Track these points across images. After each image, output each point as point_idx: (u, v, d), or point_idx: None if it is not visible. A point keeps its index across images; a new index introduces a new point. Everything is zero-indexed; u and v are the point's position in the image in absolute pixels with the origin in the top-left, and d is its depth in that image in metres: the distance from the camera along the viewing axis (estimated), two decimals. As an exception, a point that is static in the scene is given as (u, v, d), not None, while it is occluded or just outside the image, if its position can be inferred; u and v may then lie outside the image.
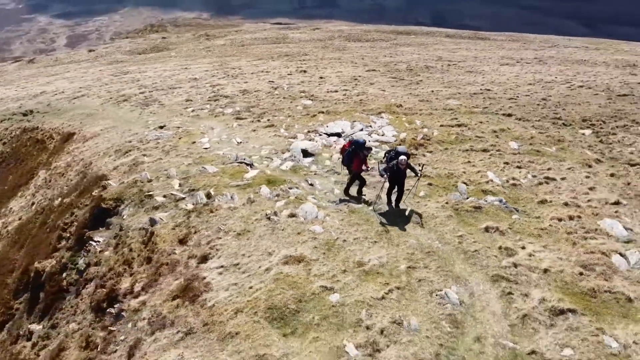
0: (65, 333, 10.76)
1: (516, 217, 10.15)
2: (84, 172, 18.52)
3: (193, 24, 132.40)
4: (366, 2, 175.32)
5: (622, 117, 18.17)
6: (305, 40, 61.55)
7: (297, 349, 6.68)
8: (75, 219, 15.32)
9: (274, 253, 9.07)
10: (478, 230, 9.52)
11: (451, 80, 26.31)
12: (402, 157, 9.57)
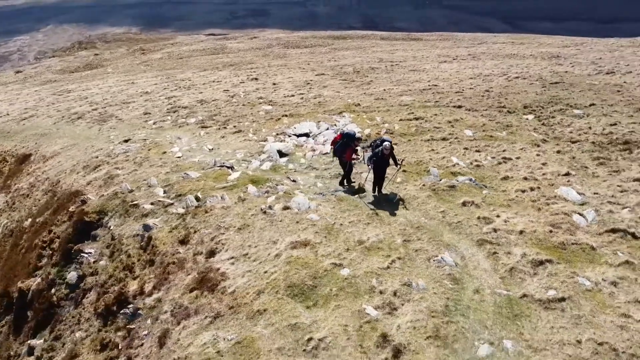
0: (73, 341, 11.04)
1: (486, 192, 11.49)
2: (52, 191, 18.47)
3: (124, 39, 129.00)
4: (297, 9, 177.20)
5: (557, 102, 20.23)
6: (244, 50, 62.04)
7: (323, 317, 7.55)
8: (54, 236, 15.39)
9: (278, 241, 9.87)
10: (456, 206, 10.75)
11: (399, 79, 27.92)
12: (387, 142, 10.66)
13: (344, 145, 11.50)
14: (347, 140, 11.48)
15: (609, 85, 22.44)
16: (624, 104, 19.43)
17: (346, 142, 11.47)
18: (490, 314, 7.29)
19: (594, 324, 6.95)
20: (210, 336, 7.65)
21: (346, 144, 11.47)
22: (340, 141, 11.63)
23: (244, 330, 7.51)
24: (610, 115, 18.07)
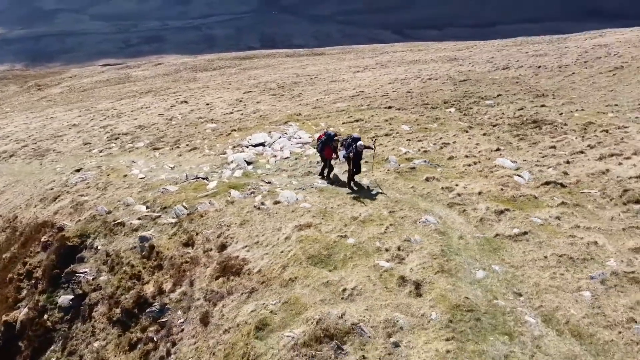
0: (92, 351, 11.76)
1: (440, 169, 13.87)
2: (11, 227, 18.48)
3: (10, 76, 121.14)
4: (193, 33, 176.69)
5: (470, 96, 23.51)
6: (151, 77, 61.81)
7: (346, 274, 9.28)
8: (32, 266, 15.65)
9: (282, 228, 11.43)
10: (421, 182, 12.97)
11: (325, 89, 30.26)
12: (360, 142, 12.63)
13: (324, 144, 13.29)
14: (326, 139, 13.29)
15: (508, 79, 26.29)
16: (524, 92, 23.09)
17: (326, 141, 13.27)
18: (476, 251, 9.44)
19: (552, 245, 9.34)
20: (254, 306, 9.06)
21: (326, 142, 13.27)
22: (322, 140, 13.41)
23: (284, 294, 9.01)
24: (516, 102, 21.52)
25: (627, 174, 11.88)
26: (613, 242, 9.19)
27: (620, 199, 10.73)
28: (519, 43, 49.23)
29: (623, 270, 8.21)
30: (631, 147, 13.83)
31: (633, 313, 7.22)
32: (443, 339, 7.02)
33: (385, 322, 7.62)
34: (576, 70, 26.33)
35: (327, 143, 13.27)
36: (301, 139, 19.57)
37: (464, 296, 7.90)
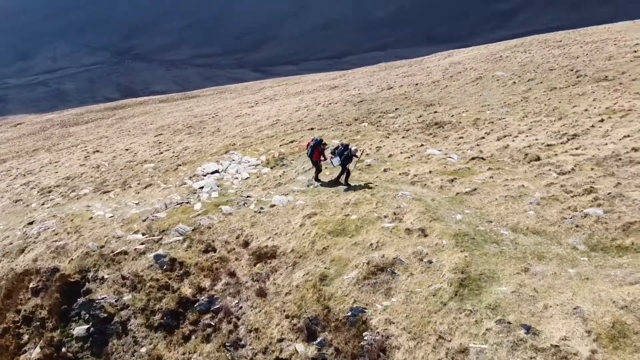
0: (141, 355, 13.41)
1: (389, 164, 17.76)
2: (-18, 283, 18.59)
3: None
4: (40, 89, 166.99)
5: (374, 112, 28.17)
6: (16, 137, 59.01)
7: (365, 237, 12.50)
8: (27, 312, 16.40)
9: (291, 220, 14.29)
10: (381, 173, 16.72)
11: (240, 123, 33.16)
12: (354, 147, 15.91)
13: (313, 148, 16.37)
14: (315, 144, 16.37)
15: (397, 96, 31.62)
16: (415, 104, 28.33)
17: (314, 146, 16.36)
18: (448, 205, 13.31)
19: (496, 192, 13.56)
20: (305, 271, 11.87)
21: (314, 147, 16.36)
22: (311, 145, 16.46)
23: (327, 257, 11.94)
24: (413, 112, 26.55)
25: (521, 145, 16.81)
26: (532, 184, 13.68)
27: (525, 160, 15.48)
28: (384, 68, 56.45)
29: (546, 196, 12.60)
30: (515, 129, 19.07)
31: (562, 215, 11.51)
32: (458, 252, 10.59)
33: (413, 253, 11.00)
34: (447, 83, 32.56)
35: (316, 147, 16.36)
36: (250, 162, 22.33)
37: (457, 229, 11.61)
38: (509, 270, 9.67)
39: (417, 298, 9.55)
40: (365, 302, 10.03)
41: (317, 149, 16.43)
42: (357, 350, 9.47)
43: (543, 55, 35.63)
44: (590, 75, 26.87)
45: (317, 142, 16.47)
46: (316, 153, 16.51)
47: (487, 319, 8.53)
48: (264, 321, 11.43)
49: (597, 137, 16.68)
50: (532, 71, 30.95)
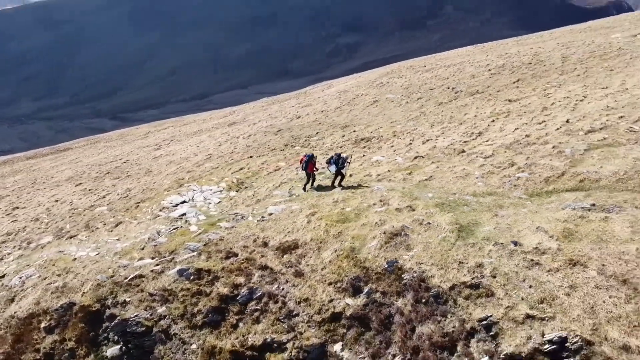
0: (192, 351, 15.68)
1: (348, 171, 21.91)
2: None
3: None
4: None
5: (298, 137, 32.29)
6: None
7: (367, 219, 16.40)
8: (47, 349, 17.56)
9: (297, 220, 17.62)
10: (348, 177, 20.78)
11: (170, 162, 35.03)
12: (345, 155, 19.58)
13: (307, 162, 19.71)
14: (308, 159, 19.70)
15: (310, 122, 36.17)
16: (331, 127, 33.07)
17: (308, 160, 19.70)
18: (417, 189, 17.77)
19: (447, 176, 18.36)
20: (332, 250, 15.38)
21: (308, 161, 19.70)
22: (305, 160, 19.72)
23: (346, 236, 15.57)
24: (334, 134, 31.18)
25: (445, 144, 22.12)
26: (470, 167, 18.77)
27: (454, 153, 20.67)
28: (272, 102, 61.07)
29: (484, 172, 17.69)
30: (432, 135, 24.46)
31: (502, 181, 16.56)
32: (445, 214, 14.97)
33: (413, 221, 15.17)
34: (350, 108, 37.96)
35: (310, 161, 19.78)
36: (212, 190, 24.99)
37: (435, 201, 16.08)
38: (485, 218, 14.27)
39: (432, 245, 13.68)
40: (394, 257, 13.90)
41: (310, 162, 19.90)
42: (400, 288, 13.27)
43: (419, 79, 42.97)
44: (465, 91, 33.98)
45: (310, 157, 19.98)
46: (310, 166, 19.96)
47: (486, 245, 12.93)
48: (310, 292, 14.65)
49: (496, 132, 22.61)
50: (416, 92, 37.65)
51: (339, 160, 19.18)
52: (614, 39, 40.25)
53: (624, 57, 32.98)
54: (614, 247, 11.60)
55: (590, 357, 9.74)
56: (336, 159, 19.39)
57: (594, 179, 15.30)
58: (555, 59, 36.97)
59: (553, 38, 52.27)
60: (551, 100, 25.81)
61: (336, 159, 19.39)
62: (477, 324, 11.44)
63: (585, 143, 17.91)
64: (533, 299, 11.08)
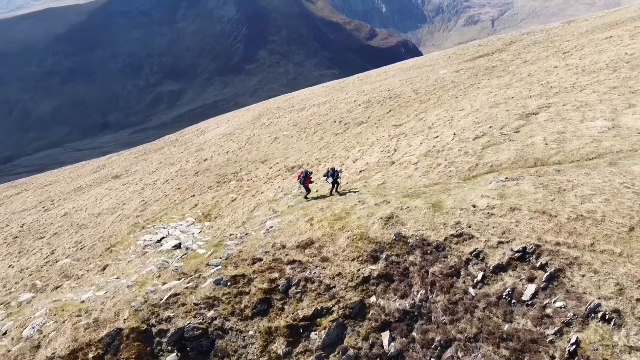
0: (253, 336, 20.45)
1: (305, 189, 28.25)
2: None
3: None
4: None
5: (225, 175, 37.34)
6: None
7: (361, 214, 23.00)
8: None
9: (299, 225, 23.40)
10: (314, 192, 27.10)
11: (98, 214, 37.03)
12: (339, 168, 25.47)
13: (305, 177, 25.24)
14: (305, 175, 25.24)
15: (224, 162, 41.29)
16: (251, 163, 38.79)
17: (306, 175, 25.24)
18: (381, 190, 24.91)
19: (396, 179, 25.85)
20: (344, 237, 21.64)
21: (306, 176, 25.25)
22: (303, 176, 25.19)
23: (350, 228, 22.00)
24: (260, 167, 37.01)
25: (374, 160, 29.73)
26: (408, 171, 26.53)
27: (388, 164, 28.33)
28: (143, 152, 63.54)
29: (422, 172, 25.58)
30: (355, 156, 31.98)
31: (439, 175, 24.57)
32: (416, 199, 22.32)
33: (396, 208, 22.21)
34: (253, 147, 44.02)
35: (307, 177, 25.35)
36: (182, 224, 29.08)
37: (401, 194, 23.37)
38: (444, 197, 21.96)
39: (419, 218, 20.86)
40: (396, 231, 20.77)
41: (308, 177, 25.53)
42: (409, 249, 20.13)
43: (300, 117, 50.86)
44: (352, 122, 42.62)
45: (306, 173, 25.65)
46: (307, 181, 25.60)
47: (455, 210, 20.54)
48: (339, 269, 20.67)
49: (406, 147, 31.01)
50: (308, 127, 45.34)
51: (334, 173, 25.43)
52: (443, 74, 53.11)
53: (460, 87, 44.93)
54: (529, 197, 20.10)
55: (540, 254, 17.68)
56: (332, 172, 25.53)
57: (497, 164, 24.10)
58: (409, 92, 47.94)
59: (390, 76, 64.84)
60: (428, 122, 35.40)
61: (332, 172, 25.53)
62: (469, 255, 18.83)
63: (479, 145, 26.95)
64: (497, 232, 18.86)
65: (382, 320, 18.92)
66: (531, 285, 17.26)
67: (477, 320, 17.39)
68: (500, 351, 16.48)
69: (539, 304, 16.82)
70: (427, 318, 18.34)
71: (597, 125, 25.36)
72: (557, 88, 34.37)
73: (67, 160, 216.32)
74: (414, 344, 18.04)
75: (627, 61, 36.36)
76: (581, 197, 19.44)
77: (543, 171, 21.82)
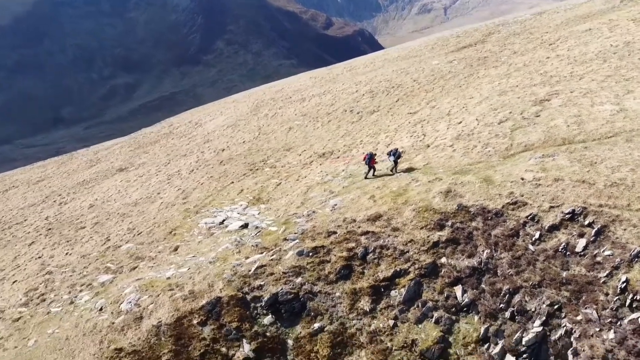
0: (341, 296, 24.20)
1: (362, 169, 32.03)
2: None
3: None
4: None
5: (253, 163, 40.56)
6: None
7: (420, 189, 27.01)
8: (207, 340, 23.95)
9: (362, 202, 27.21)
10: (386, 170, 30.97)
11: (135, 202, 39.50)
12: (400, 150, 29.26)
13: (370, 158, 28.96)
14: (370, 156, 28.96)
15: (245, 151, 44.37)
16: (275, 151, 42.09)
17: (370, 158, 28.95)
18: (428, 169, 29.01)
19: (438, 160, 30.01)
20: (410, 209, 25.60)
21: (370, 157, 28.95)
22: (368, 157, 28.90)
23: (411, 202, 25.98)
24: (287, 155, 40.39)
25: (406, 144, 33.79)
26: (447, 152, 30.68)
27: (424, 147, 32.42)
28: (135, 146, 65.32)
29: (463, 153, 29.81)
30: (384, 142, 35.94)
31: (479, 156, 28.86)
32: (467, 175, 26.54)
33: (450, 184, 26.35)
34: (270, 136, 47.25)
35: (372, 158, 29.07)
36: (237, 208, 32.30)
37: (450, 172, 27.53)
38: (490, 173, 26.25)
39: (475, 191, 25.08)
40: (458, 202, 24.91)
41: (373, 158, 29.29)
42: (471, 217, 24.33)
43: (303, 107, 54.38)
44: (364, 111, 46.60)
45: (371, 155, 29.44)
46: (372, 160, 29.35)
47: (506, 183, 24.88)
48: (410, 236, 24.64)
49: (434, 132, 35.19)
50: (317, 117, 49.00)
51: (397, 153, 29.25)
52: (436, 65, 57.77)
53: (459, 76, 49.63)
54: (567, 169, 24.63)
55: (586, 214, 22.19)
56: (394, 152, 29.38)
57: (530, 144, 28.63)
58: (410, 82, 52.31)
59: (379, 67, 68.99)
60: (443, 110, 39.79)
61: (394, 152, 29.38)
62: (525, 219, 23.21)
63: (506, 128, 31.44)
64: (547, 199, 23.32)
65: (454, 277, 23.00)
66: (582, 240, 21.73)
67: (539, 270, 21.73)
68: (561, 293, 20.85)
69: (590, 254, 21.31)
70: (493, 272, 22.53)
71: (607, 109, 30.29)
72: (557, 77, 39.37)
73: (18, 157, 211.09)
74: (484, 294, 22.20)
75: (613, 52, 41.80)
76: (610, 168, 24.10)
77: (572, 148, 26.46)
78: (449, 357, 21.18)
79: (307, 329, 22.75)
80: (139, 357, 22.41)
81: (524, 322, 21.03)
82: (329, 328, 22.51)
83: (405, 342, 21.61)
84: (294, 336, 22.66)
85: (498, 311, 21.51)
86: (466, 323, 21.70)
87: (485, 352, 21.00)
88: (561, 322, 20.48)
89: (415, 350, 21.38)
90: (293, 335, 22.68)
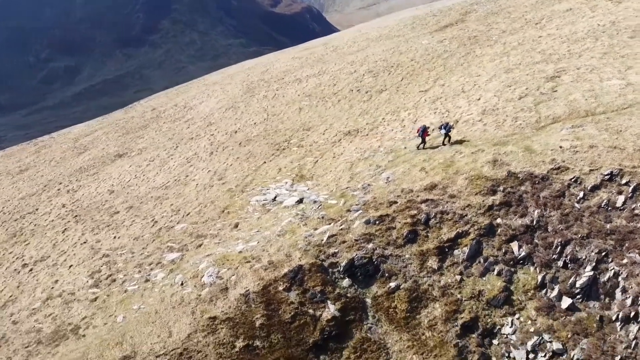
0: (409, 249, 27.83)
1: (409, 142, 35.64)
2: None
3: None
4: None
5: (278, 143, 43.49)
6: None
7: (463, 162, 30.90)
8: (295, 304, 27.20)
9: (414, 174, 30.92)
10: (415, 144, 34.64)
11: (166, 186, 41.60)
12: (451, 123, 32.88)
13: (424, 131, 32.50)
14: (423, 129, 32.52)
15: (266, 131, 47.06)
16: (290, 132, 45.07)
17: (423, 130, 32.51)
18: (467, 142, 32.97)
19: (472, 134, 34.01)
20: (463, 177, 29.49)
21: (424, 131, 32.50)
22: (421, 130, 32.40)
23: (462, 171, 29.85)
24: (310, 135, 43.51)
25: (434, 120, 37.65)
26: (479, 126, 34.70)
27: (454, 123, 36.33)
28: (130, 129, 66.31)
29: (495, 127, 33.92)
30: (408, 119, 39.69)
31: (512, 128, 33.03)
32: (507, 146, 30.69)
33: (494, 154, 30.41)
34: (283, 117, 50.05)
35: (425, 130, 32.59)
36: (282, 185, 35.28)
37: (491, 144, 31.57)
38: (528, 142, 30.53)
39: (520, 159, 29.27)
40: (507, 170, 28.97)
41: (426, 130, 32.81)
42: (520, 182, 28.54)
43: (304, 88, 57.31)
44: (372, 90, 50.13)
45: (425, 128, 32.98)
46: (425, 133, 32.90)
47: (546, 151, 29.22)
48: (466, 202, 28.59)
49: (456, 109, 39.12)
50: (324, 98, 52.16)
51: (447, 126, 32.83)
52: (427, 44, 61.79)
53: (456, 55, 53.90)
54: (598, 137, 29.17)
55: (623, 175, 26.73)
56: (446, 125, 33.03)
57: (557, 116, 33.06)
58: (408, 62, 56.12)
59: (364, 47, 72.30)
60: (455, 88, 43.87)
61: (446, 125, 33.03)
62: (569, 181, 27.61)
63: (529, 102, 35.79)
64: (586, 163, 27.77)
65: (509, 235, 27.15)
66: (621, 196, 26.33)
67: (585, 224, 26.17)
68: (607, 242, 25.37)
69: (628, 208, 25.93)
70: (544, 228, 26.82)
71: (615, 83, 35.15)
72: (556, 55, 44.20)
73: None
74: (538, 248, 26.48)
75: (602, 31, 47.05)
76: (635, 135, 28.82)
77: (597, 119, 31.09)
78: (512, 303, 25.29)
79: (383, 288, 26.37)
80: (233, 323, 25.39)
81: (576, 269, 25.41)
82: (404, 286, 26.18)
83: (472, 293, 25.58)
84: (371, 295, 26.25)
85: (552, 261, 25.77)
86: (524, 273, 25.87)
87: (544, 296, 25.26)
88: (609, 266, 24.93)
89: (483, 300, 25.38)
90: (370, 295, 26.25)
